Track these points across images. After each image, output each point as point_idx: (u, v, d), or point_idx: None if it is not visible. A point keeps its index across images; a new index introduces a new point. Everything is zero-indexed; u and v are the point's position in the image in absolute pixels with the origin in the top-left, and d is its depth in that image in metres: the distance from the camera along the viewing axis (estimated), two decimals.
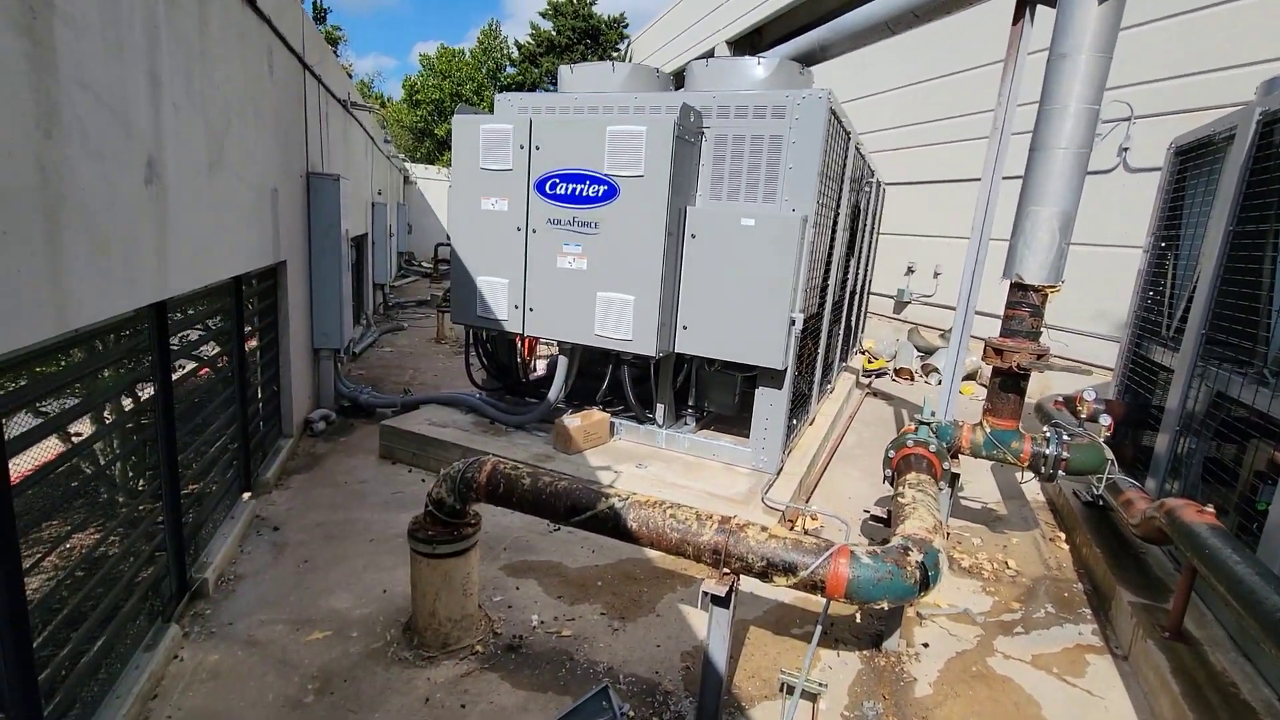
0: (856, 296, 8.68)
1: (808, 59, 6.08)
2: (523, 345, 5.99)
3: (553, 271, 4.81)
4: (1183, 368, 4.22)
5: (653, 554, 4.10)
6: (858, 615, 3.53)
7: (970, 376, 9.78)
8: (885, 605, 2.42)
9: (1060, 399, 4.99)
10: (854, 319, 8.98)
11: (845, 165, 5.51)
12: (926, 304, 11.32)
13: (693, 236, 4.60)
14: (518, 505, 2.86)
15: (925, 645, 3.40)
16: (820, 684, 2.69)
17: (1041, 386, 8.19)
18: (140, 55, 2.56)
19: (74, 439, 2.42)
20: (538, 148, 4.68)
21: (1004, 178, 4.43)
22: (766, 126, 4.48)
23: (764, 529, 2.48)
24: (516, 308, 4.99)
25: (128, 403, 2.80)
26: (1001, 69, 3.79)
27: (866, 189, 7.44)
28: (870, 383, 9.39)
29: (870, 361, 10.26)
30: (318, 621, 3.27)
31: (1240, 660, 3.04)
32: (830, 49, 6.04)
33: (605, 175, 4.49)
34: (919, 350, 10.54)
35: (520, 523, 4.37)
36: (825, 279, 5.67)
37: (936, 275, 11.05)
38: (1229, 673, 2.94)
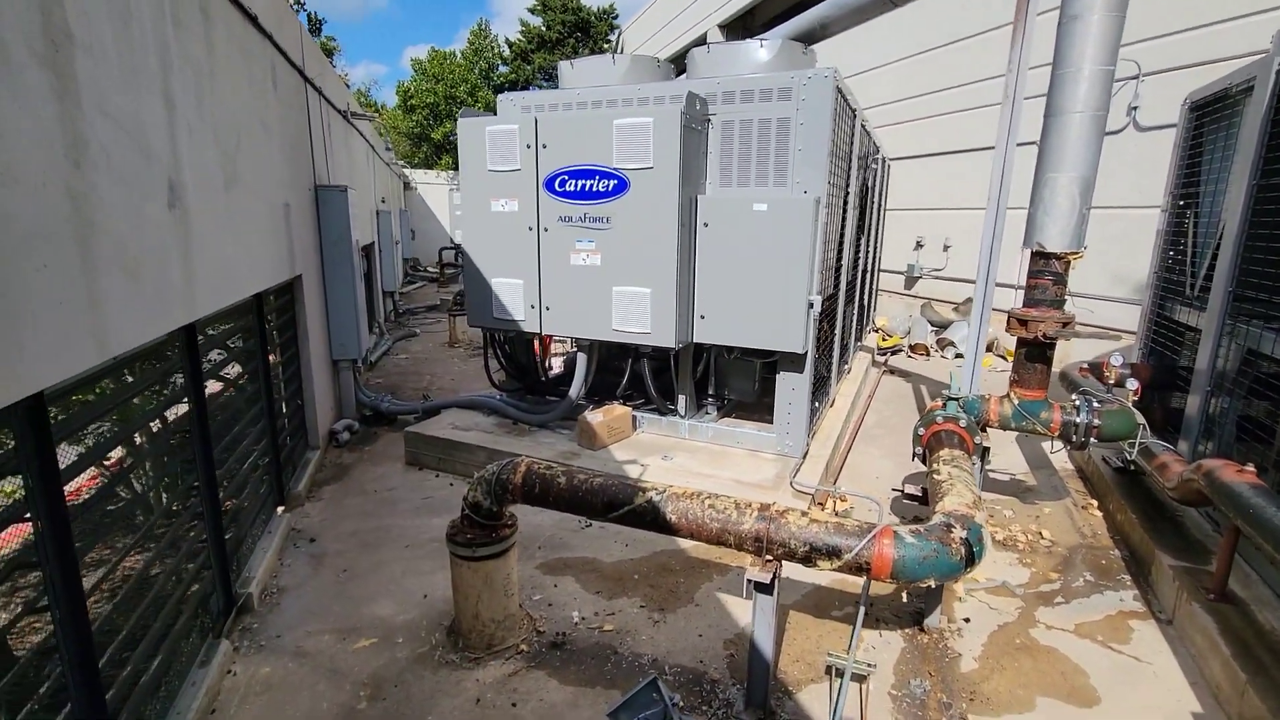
0: (868, 275, 8.63)
1: (808, 38, 6.01)
2: (539, 344, 6.00)
3: (567, 269, 4.80)
4: (1211, 326, 4.17)
5: (686, 544, 4.11)
6: (904, 595, 3.53)
7: (987, 348, 9.72)
8: (931, 583, 2.42)
9: (1085, 365, 4.95)
10: (866, 298, 8.94)
11: (853, 143, 5.46)
12: (937, 278, 11.23)
13: (705, 225, 4.58)
14: (554, 504, 2.88)
15: (967, 620, 3.40)
16: (869, 665, 2.70)
17: (1061, 355, 8.12)
18: (154, 79, 2.57)
19: (111, 465, 2.45)
20: (545, 146, 4.67)
21: (1017, 144, 4.38)
22: (773, 109, 4.44)
23: (804, 513, 2.48)
24: (533, 307, 5.00)
25: (156, 424, 2.83)
26: (1011, 33, 3.73)
27: (873, 165, 7.38)
28: (886, 360, 9.35)
29: (885, 339, 10.21)
30: (363, 629, 3.32)
31: None
32: (831, 26, 5.97)
33: (614, 169, 4.47)
34: (933, 325, 10.47)
35: (551, 521, 4.39)
36: (839, 259, 5.64)
37: (946, 248, 10.96)
38: (1278, 631, 2.92)
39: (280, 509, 4.43)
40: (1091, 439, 3.80)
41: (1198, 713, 2.80)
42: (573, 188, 4.64)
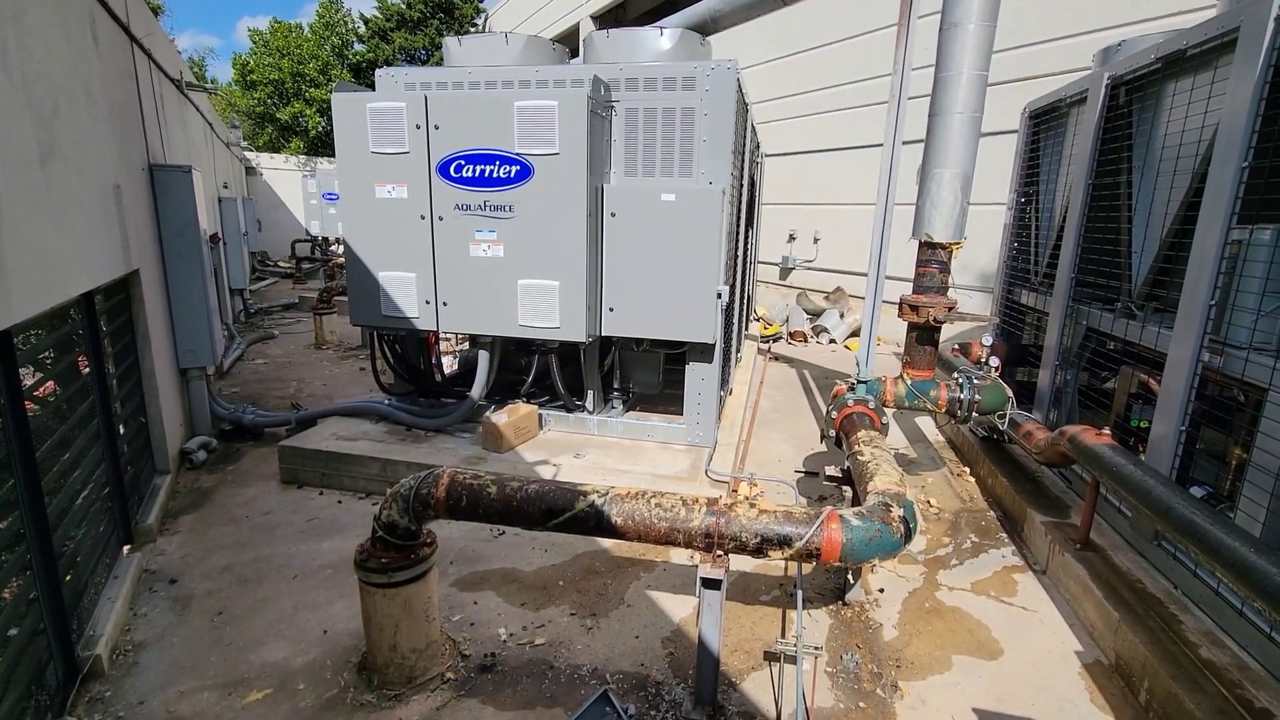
0: (751, 266, 8.97)
1: (700, 30, 6.07)
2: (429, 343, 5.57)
3: (466, 261, 4.48)
4: (1057, 309, 4.74)
5: (608, 544, 4.00)
6: (826, 572, 3.66)
7: (856, 334, 10.50)
8: (876, 563, 2.50)
9: (956, 346, 5.45)
10: (750, 288, 9.30)
11: (746, 137, 5.60)
12: (810, 269, 11.96)
13: (612, 215, 4.46)
14: (484, 517, 2.64)
15: (881, 590, 3.61)
16: (815, 648, 2.76)
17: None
18: None
19: None
20: (436, 127, 4.30)
21: (878, 143, 4.70)
22: (678, 99, 4.41)
23: (753, 505, 2.46)
24: (428, 303, 4.61)
25: None
26: (895, 35, 3.97)
27: (758, 160, 7.66)
28: (769, 348, 9.80)
29: (766, 327, 10.70)
30: (252, 680, 2.86)
31: (1137, 559, 3.50)
32: (722, 20, 6.07)
33: (517, 155, 4.22)
34: (807, 313, 11.14)
35: (461, 531, 4.09)
36: (734, 251, 5.77)
37: (816, 241, 11.69)
38: (1133, 572, 3.37)
39: (126, 548, 3.74)
40: (973, 413, 4.17)
41: (1079, 650, 3.16)
42: (470, 173, 4.32)
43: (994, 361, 4.78)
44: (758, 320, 11.07)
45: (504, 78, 4.62)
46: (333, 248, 17.14)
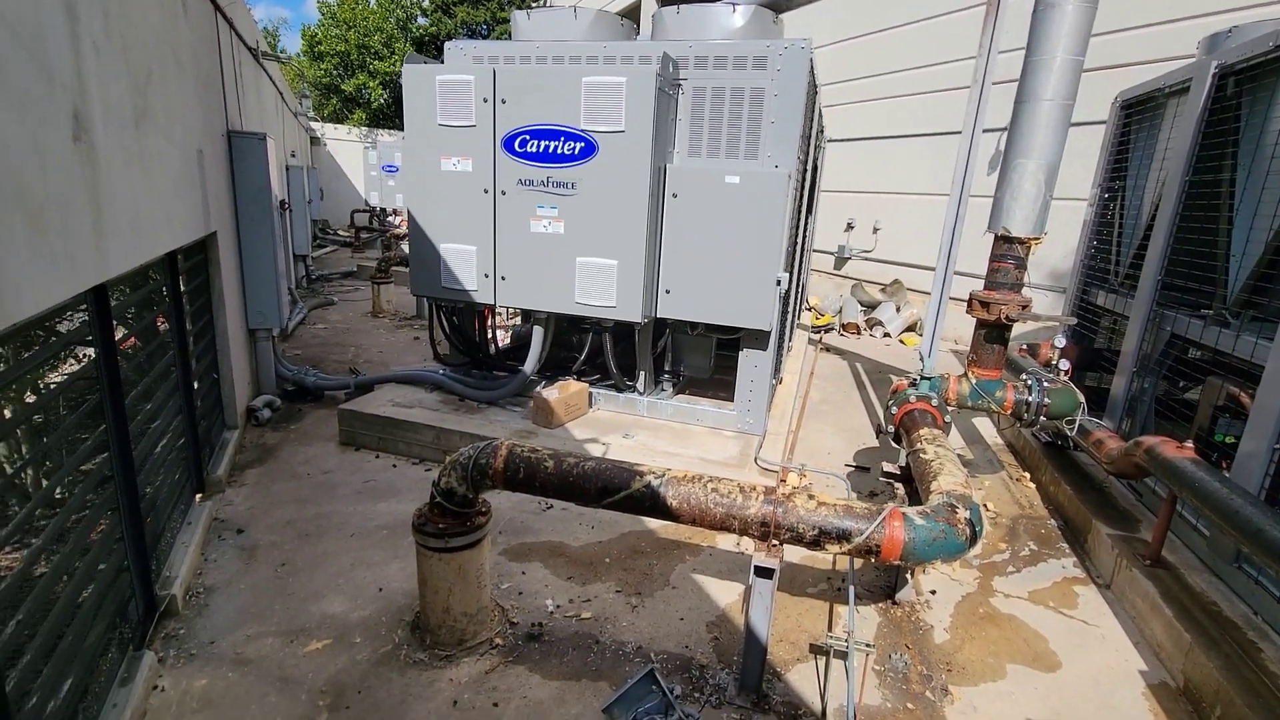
0: (806, 255, 8.77)
1: (772, 8, 5.88)
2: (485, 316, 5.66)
3: (526, 236, 4.50)
4: (1138, 313, 4.48)
5: (654, 525, 4.01)
6: (875, 569, 3.59)
7: (911, 328, 10.20)
8: (938, 565, 2.43)
9: (1024, 347, 5.23)
10: (804, 276, 9.10)
11: (814, 120, 5.44)
12: (867, 259, 11.63)
13: (674, 196, 4.41)
14: (540, 490, 2.67)
15: (933, 592, 3.52)
16: (867, 645, 2.71)
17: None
18: None
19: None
20: (503, 101, 4.31)
21: (950, 130, 4.48)
22: (748, 78, 4.30)
23: (811, 497, 2.42)
24: (487, 277, 4.67)
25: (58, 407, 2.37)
26: (983, 18, 3.76)
27: (821, 145, 7.44)
28: (821, 338, 9.60)
29: (818, 318, 10.48)
30: (313, 630, 2.99)
31: (1214, 581, 3.31)
32: None
33: (582, 131, 4.20)
34: (862, 305, 10.86)
35: (510, 503, 4.16)
36: (794, 238, 5.64)
37: (876, 230, 11.34)
38: (1208, 593, 3.19)
39: (199, 497, 3.94)
40: (1041, 417, 4.00)
41: (1144, 670, 3.02)
42: (535, 149, 4.32)
43: (1064, 364, 4.56)
44: (809, 310, 10.85)
45: (571, 53, 4.59)
46: (390, 219, 17.54)
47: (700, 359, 5.44)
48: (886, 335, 10.05)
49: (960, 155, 4.08)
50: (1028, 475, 5.11)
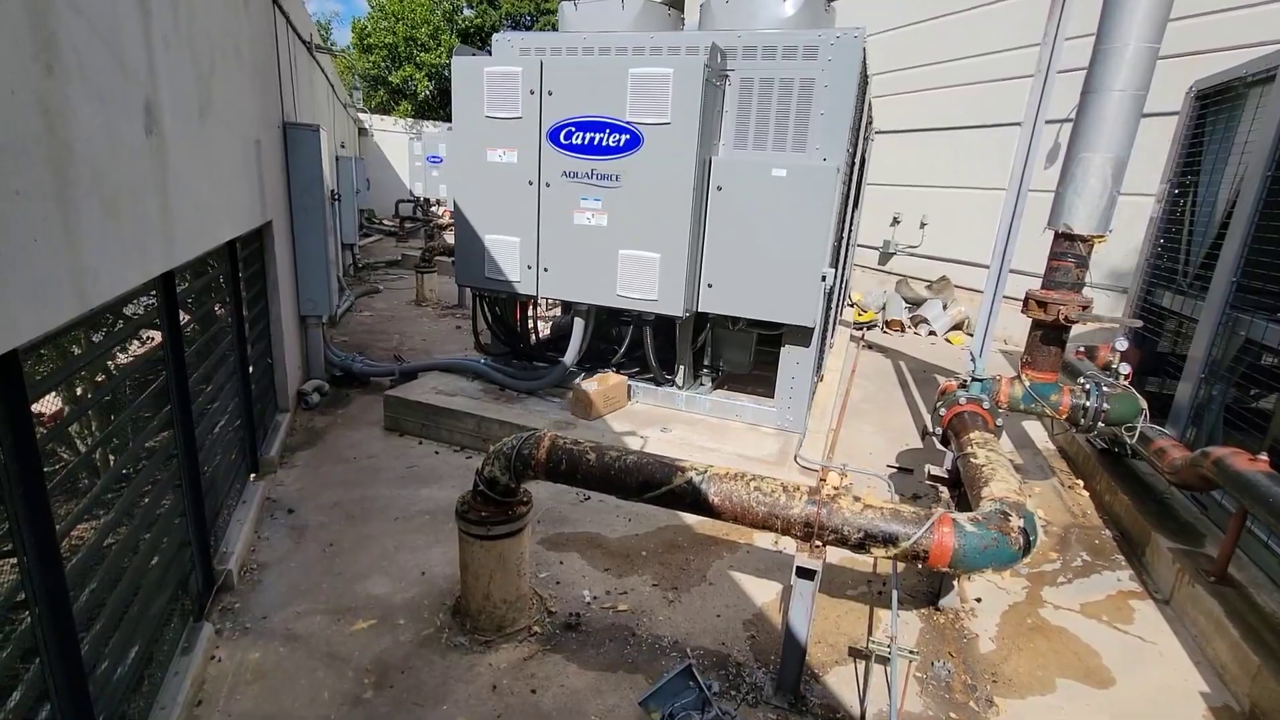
0: (851, 250, 8.59)
1: None
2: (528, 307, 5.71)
3: (569, 228, 4.52)
4: (1209, 315, 4.24)
5: (690, 520, 4.00)
6: (955, 580, 3.51)
7: (958, 327, 9.90)
8: (988, 573, 2.36)
9: (1081, 349, 5.01)
10: (847, 272, 8.92)
11: (863, 112, 5.30)
12: (913, 255, 11.32)
13: (718, 189, 4.36)
14: (582, 482, 2.68)
15: (979, 600, 3.42)
16: (912, 651, 2.65)
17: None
18: None
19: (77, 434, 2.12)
20: (550, 93, 4.32)
21: (1005, 122, 4.29)
22: (797, 68, 4.21)
23: (857, 499, 2.37)
24: (530, 268, 4.70)
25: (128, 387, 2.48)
26: (1049, 2, 3.59)
27: (869, 137, 7.26)
28: (863, 335, 9.41)
29: (860, 314, 10.27)
30: (359, 610, 3.08)
31: None
32: None
33: (627, 123, 4.18)
34: (907, 302, 10.59)
35: (547, 493, 4.20)
36: (840, 233, 5.52)
37: (923, 226, 11.02)
38: (1279, 614, 3.02)
39: (253, 476, 4.09)
40: (1099, 423, 3.83)
41: (1205, 692, 2.88)
42: (579, 141, 4.32)
43: (1125, 369, 4.35)
44: (852, 306, 10.63)
45: (618, 44, 4.57)
46: (433, 209, 17.84)
47: (740, 354, 5.38)
48: (932, 333, 9.78)
49: (1020, 147, 3.92)
50: (1081, 483, 4.92)
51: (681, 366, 5.11)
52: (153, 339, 2.65)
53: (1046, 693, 2.82)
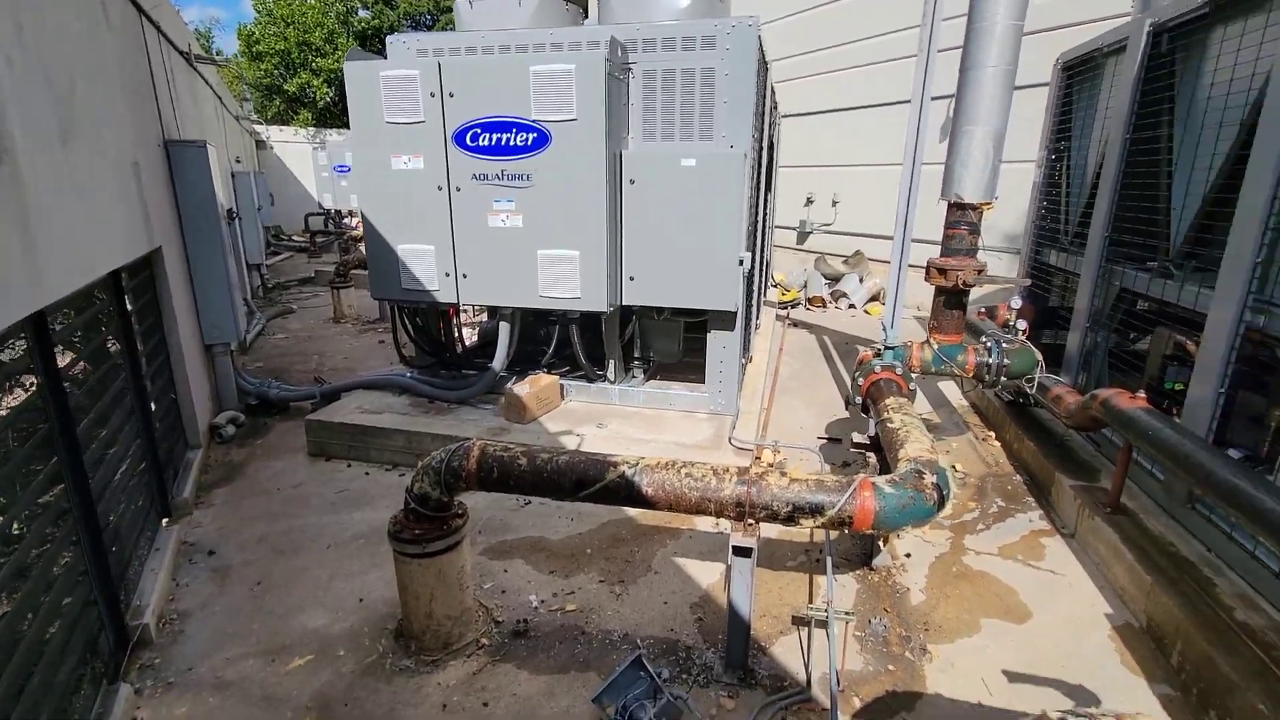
0: (768, 231, 8.83)
1: None
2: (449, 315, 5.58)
3: (485, 232, 4.44)
4: (1088, 270, 4.61)
5: (633, 512, 4.03)
6: (851, 538, 3.67)
7: (875, 299, 10.36)
8: (909, 530, 2.50)
9: (983, 310, 5.35)
10: (767, 253, 9.16)
11: (766, 98, 5.44)
12: (828, 233, 11.75)
13: (631, 182, 4.38)
14: (515, 488, 2.66)
15: (908, 555, 3.61)
16: (848, 613, 2.77)
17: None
18: None
19: None
20: (451, 95, 4.22)
21: (901, 100, 4.53)
22: (697, 59, 4.28)
23: (784, 474, 2.45)
24: (448, 275, 4.59)
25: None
26: None
27: (776, 121, 7.46)
28: (788, 314, 9.70)
29: (784, 294, 10.58)
30: (294, 646, 2.95)
31: (1170, 523, 3.46)
32: None
33: (533, 122, 4.13)
34: (826, 278, 10.98)
35: (487, 501, 4.14)
36: (755, 216, 5.66)
37: (835, 204, 11.45)
38: (1165, 535, 3.34)
39: (165, 521, 3.84)
40: (1002, 377, 4.11)
41: (1109, 613, 3.16)
42: (486, 142, 4.25)
43: (1021, 325, 4.69)
44: (775, 286, 10.94)
45: (518, 41, 4.51)
46: (346, 220, 17.11)
47: (669, 344, 5.45)
48: (852, 307, 10.20)
49: (910, 125, 4.13)
50: (993, 434, 5.27)
51: (612, 361, 5.13)
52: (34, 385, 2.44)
53: (973, 634, 3.02)
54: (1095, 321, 4.62)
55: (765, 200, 7.29)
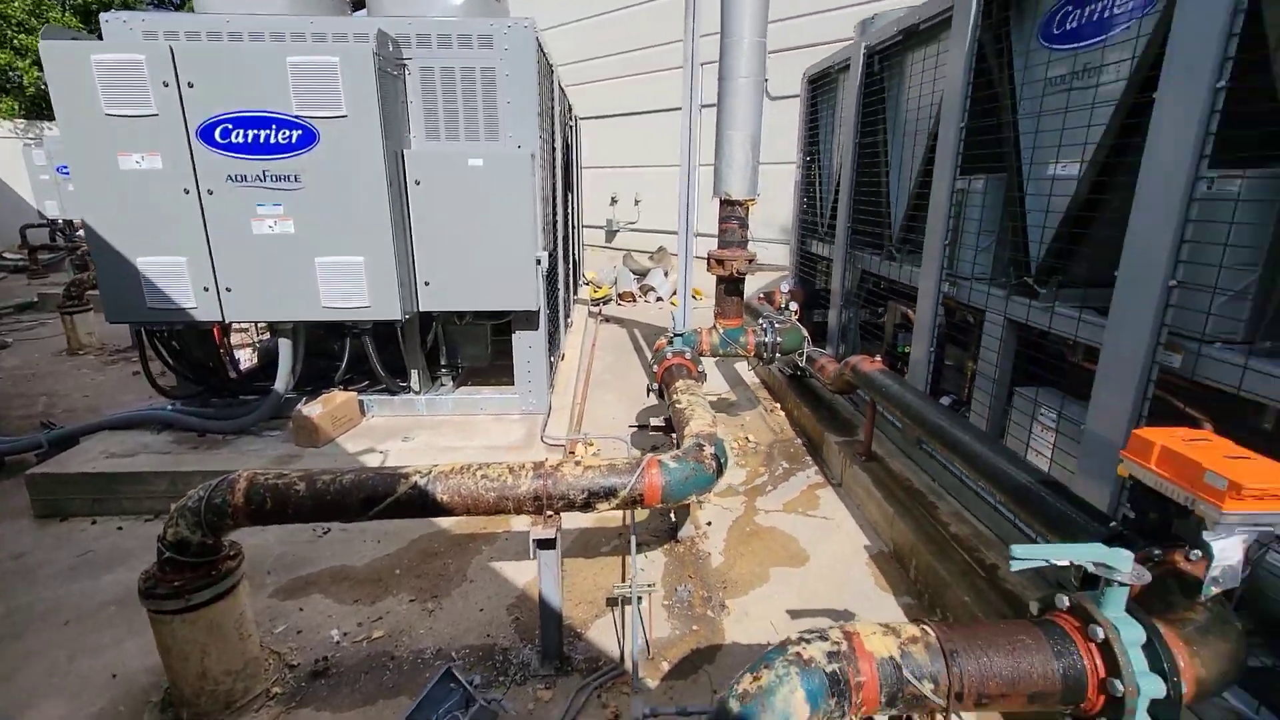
0: (575, 230, 9.00)
1: None
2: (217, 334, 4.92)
3: (249, 240, 3.99)
4: (838, 255, 5.38)
5: (448, 523, 3.91)
6: (662, 516, 3.90)
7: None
8: (694, 499, 2.72)
9: (762, 295, 5.98)
10: (577, 252, 9.34)
11: (554, 99, 5.54)
12: (633, 230, 12.29)
13: (416, 183, 4.21)
14: (295, 517, 2.44)
15: (709, 524, 3.94)
16: (649, 585, 2.95)
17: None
18: None
19: None
20: (190, 85, 3.72)
21: (676, 107, 4.94)
22: (476, 57, 4.23)
23: (578, 463, 2.55)
24: (207, 290, 4.05)
25: None
26: (685, 3, 4.13)
27: (570, 123, 7.62)
28: (600, 310, 9.99)
29: (595, 291, 10.87)
30: None
31: (907, 462, 4.17)
32: None
33: (296, 117, 3.79)
34: (634, 273, 11.49)
35: (276, 536, 3.75)
36: (554, 216, 5.75)
37: (638, 203, 12.01)
38: (904, 473, 4.02)
39: None
40: (777, 354, 4.64)
41: (867, 545, 3.73)
42: (241, 139, 3.81)
43: (794, 306, 5.33)
44: (588, 284, 11.20)
45: (272, 29, 4.10)
46: (79, 232, 14.25)
47: (477, 348, 5.33)
48: (660, 300, 10.78)
49: (683, 129, 4.47)
50: (778, 406, 5.92)
51: (414, 371, 4.90)
52: None
53: (763, 584, 3.39)
54: (847, 300, 5.40)
55: (567, 200, 7.42)
